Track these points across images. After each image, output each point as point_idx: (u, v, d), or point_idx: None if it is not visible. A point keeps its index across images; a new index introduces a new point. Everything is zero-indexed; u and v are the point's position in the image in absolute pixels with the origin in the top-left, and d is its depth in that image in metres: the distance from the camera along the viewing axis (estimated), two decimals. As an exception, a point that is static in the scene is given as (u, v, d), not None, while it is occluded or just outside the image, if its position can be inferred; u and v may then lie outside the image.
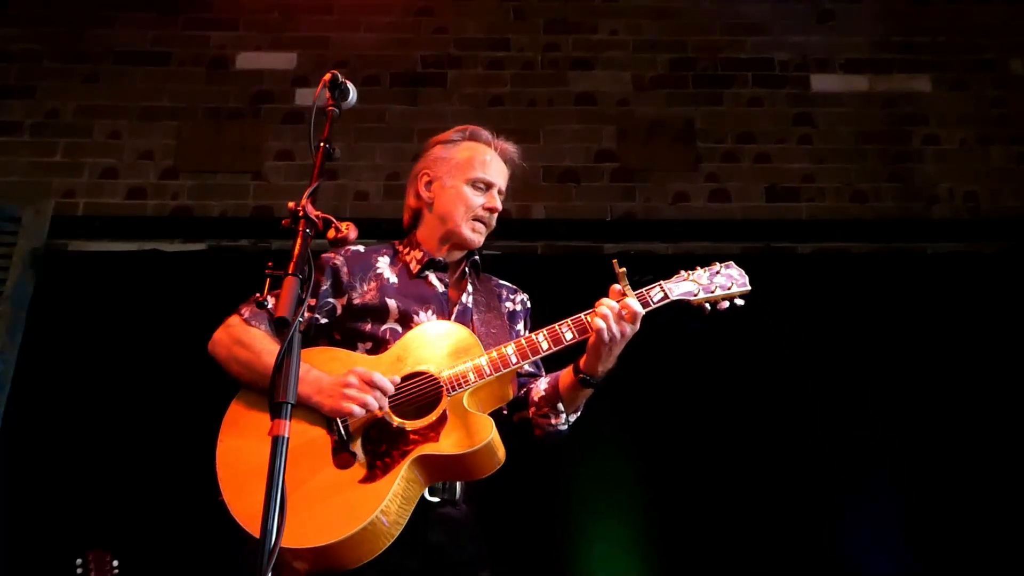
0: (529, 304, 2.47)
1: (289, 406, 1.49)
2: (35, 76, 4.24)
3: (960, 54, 4.46)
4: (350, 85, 1.97)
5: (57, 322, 3.70)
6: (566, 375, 2.16)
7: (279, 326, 1.55)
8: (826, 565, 3.49)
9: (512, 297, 2.45)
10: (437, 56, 4.38)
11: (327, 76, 1.94)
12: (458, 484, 2.09)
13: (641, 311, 2.06)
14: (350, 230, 1.79)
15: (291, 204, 1.73)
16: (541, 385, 2.24)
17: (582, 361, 2.11)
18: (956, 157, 4.27)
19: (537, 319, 2.41)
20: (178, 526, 3.30)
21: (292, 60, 4.34)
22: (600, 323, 2.02)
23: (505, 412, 2.22)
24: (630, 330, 2.06)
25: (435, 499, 2.04)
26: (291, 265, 1.63)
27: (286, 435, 1.46)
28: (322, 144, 1.88)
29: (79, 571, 2.78)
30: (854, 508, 3.55)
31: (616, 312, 2.04)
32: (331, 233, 1.79)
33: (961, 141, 4.31)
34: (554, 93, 4.34)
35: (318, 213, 1.74)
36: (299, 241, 1.69)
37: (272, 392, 1.51)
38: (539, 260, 3.98)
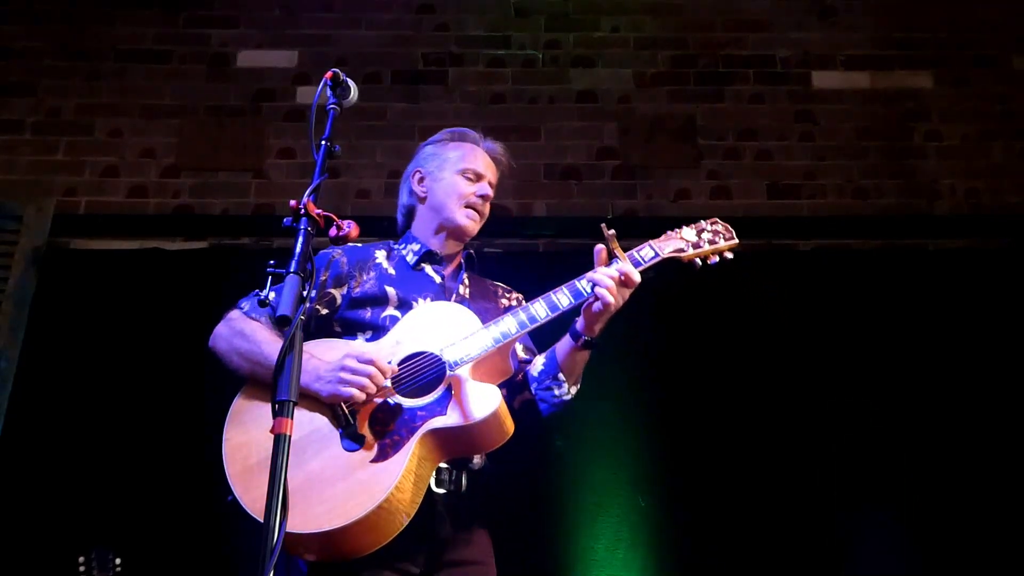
0: (524, 302, 2.47)
1: (292, 404, 1.49)
2: (36, 74, 4.23)
3: (962, 50, 4.45)
4: (351, 83, 1.98)
5: (59, 320, 3.70)
6: (563, 344, 2.20)
7: (281, 324, 1.56)
8: (827, 567, 3.48)
9: (507, 295, 2.50)
10: (438, 53, 4.38)
11: (328, 74, 1.95)
12: (464, 476, 2.09)
13: (638, 279, 2.11)
14: (352, 228, 1.80)
15: (292, 202, 1.74)
16: (539, 361, 2.28)
17: (579, 325, 2.15)
18: (958, 153, 4.26)
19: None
20: (181, 524, 3.31)
21: (293, 58, 4.34)
22: (605, 293, 2.06)
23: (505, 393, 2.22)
24: (628, 293, 2.12)
25: (441, 491, 2.04)
26: (293, 263, 1.63)
27: (289, 433, 1.46)
28: (323, 142, 1.88)
29: (82, 569, 2.78)
30: (855, 507, 3.54)
31: (617, 279, 2.08)
32: (333, 231, 1.79)
33: (963, 137, 4.29)
34: (555, 90, 4.33)
35: (319, 211, 1.75)
36: (301, 239, 1.69)
37: (274, 390, 1.50)
38: (540, 257, 3.97)
